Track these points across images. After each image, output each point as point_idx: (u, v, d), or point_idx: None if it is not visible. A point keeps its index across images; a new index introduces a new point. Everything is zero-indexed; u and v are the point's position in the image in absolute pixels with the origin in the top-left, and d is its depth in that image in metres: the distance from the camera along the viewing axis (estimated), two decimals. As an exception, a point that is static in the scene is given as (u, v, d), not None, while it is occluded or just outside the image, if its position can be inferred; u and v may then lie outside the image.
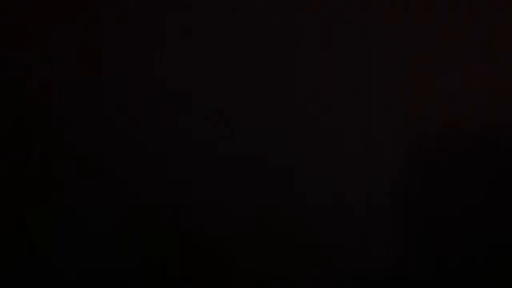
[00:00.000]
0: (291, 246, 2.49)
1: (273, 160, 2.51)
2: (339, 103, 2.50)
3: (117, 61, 2.52)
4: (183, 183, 2.51)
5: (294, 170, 2.49)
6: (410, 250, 2.46)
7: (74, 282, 2.51)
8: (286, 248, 2.49)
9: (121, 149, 2.52)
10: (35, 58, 2.53)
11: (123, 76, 2.52)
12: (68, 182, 2.52)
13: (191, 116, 2.51)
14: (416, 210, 2.47)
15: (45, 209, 2.52)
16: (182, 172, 2.51)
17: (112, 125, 2.52)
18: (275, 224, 2.50)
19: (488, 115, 2.47)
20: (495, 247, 2.44)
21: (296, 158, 2.49)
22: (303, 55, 2.52)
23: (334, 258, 2.48)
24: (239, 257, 2.50)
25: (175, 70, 2.51)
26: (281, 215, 2.50)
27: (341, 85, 2.50)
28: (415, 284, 2.44)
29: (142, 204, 2.51)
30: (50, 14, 2.52)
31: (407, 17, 2.50)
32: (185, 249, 2.51)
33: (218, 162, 2.51)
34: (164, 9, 2.51)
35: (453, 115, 2.47)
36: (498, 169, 2.44)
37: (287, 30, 2.52)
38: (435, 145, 2.46)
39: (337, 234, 2.48)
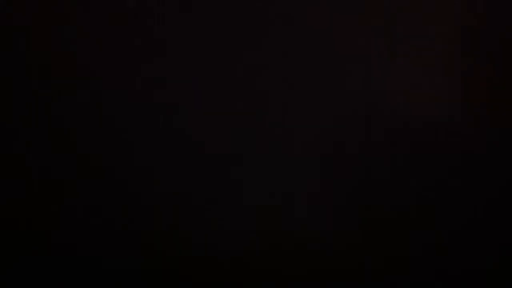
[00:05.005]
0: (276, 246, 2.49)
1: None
2: (284, 101, 2.50)
3: (117, 61, 2.52)
4: (182, 183, 2.51)
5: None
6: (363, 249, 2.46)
7: (73, 282, 2.51)
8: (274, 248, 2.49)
9: (121, 149, 2.52)
10: (35, 58, 2.53)
11: (123, 76, 2.52)
12: (68, 182, 2.52)
13: (190, 116, 2.51)
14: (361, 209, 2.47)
15: (45, 209, 2.52)
16: (181, 171, 2.51)
17: (112, 125, 2.52)
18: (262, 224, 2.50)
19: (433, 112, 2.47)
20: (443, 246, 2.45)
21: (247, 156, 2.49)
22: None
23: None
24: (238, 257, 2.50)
25: (175, 70, 2.52)
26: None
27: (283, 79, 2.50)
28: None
29: (142, 204, 2.51)
30: (49, 13, 2.52)
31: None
32: (185, 249, 2.51)
33: (217, 162, 2.51)
34: (164, 9, 2.52)
35: (401, 114, 2.47)
36: (445, 167, 2.45)
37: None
38: (379, 145, 2.46)
39: (281, 234, 2.48)
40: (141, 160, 2.51)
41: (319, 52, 2.49)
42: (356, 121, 2.47)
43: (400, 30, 2.47)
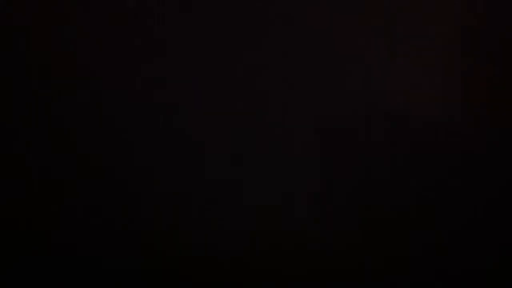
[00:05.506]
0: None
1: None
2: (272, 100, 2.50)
3: (117, 61, 2.52)
4: (182, 183, 2.51)
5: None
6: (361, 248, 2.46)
7: (73, 282, 2.51)
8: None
9: (121, 149, 2.52)
10: (35, 58, 2.53)
11: (123, 76, 2.52)
12: (68, 182, 2.52)
13: (190, 116, 2.51)
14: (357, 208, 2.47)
15: (45, 209, 2.52)
16: (181, 171, 2.51)
17: (112, 125, 2.52)
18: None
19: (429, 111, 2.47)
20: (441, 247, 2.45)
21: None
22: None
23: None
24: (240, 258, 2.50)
25: (175, 70, 2.52)
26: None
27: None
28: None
29: (142, 204, 2.51)
30: (49, 13, 2.52)
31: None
32: (185, 249, 2.51)
33: (217, 162, 2.51)
34: (164, 9, 2.52)
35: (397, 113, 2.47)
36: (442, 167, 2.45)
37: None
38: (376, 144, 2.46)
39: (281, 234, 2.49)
40: (141, 160, 2.51)
41: (319, 52, 2.49)
42: (356, 121, 2.47)
43: (400, 30, 2.47)
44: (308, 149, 2.49)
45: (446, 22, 2.47)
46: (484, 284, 2.43)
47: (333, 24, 2.48)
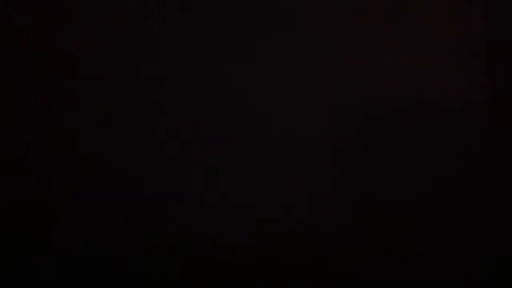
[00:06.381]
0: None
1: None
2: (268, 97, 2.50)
3: (117, 61, 2.52)
4: (183, 183, 2.51)
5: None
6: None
7: (73, 282, 2.50)
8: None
9: (121, 149, 2.52)
10: (35, 58, 2.53)
11: (123, 76, 2.52)
12: (68, 182, 2.52)
13: (190, 116, 2.51)
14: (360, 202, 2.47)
15: (45, 209, 2.52)
16: (181, 171, 2.51)
17: (112, 125, 2.52)
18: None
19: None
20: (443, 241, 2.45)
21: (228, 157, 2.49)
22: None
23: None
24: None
25: (175, 70, 2.52)
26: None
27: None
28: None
29: (142, 204, 2.51)
30: (49, 13, 2.52)
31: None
32: (185, 249, 2.51)
33: (217, 162, 2.50)
34: (164, 9, 2.52)
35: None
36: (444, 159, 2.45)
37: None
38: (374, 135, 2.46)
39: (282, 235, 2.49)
40: (141, 160, 2.51)
41: (319, 52, 2.49)
42: (356, 121, 2.47)
43: (400, 30, 2.47)
44: (309, 149, 2.49)
45: (446, 22, 2.47)
46: (484, 284, 2.43)
47: (333, 24, 2.48)
